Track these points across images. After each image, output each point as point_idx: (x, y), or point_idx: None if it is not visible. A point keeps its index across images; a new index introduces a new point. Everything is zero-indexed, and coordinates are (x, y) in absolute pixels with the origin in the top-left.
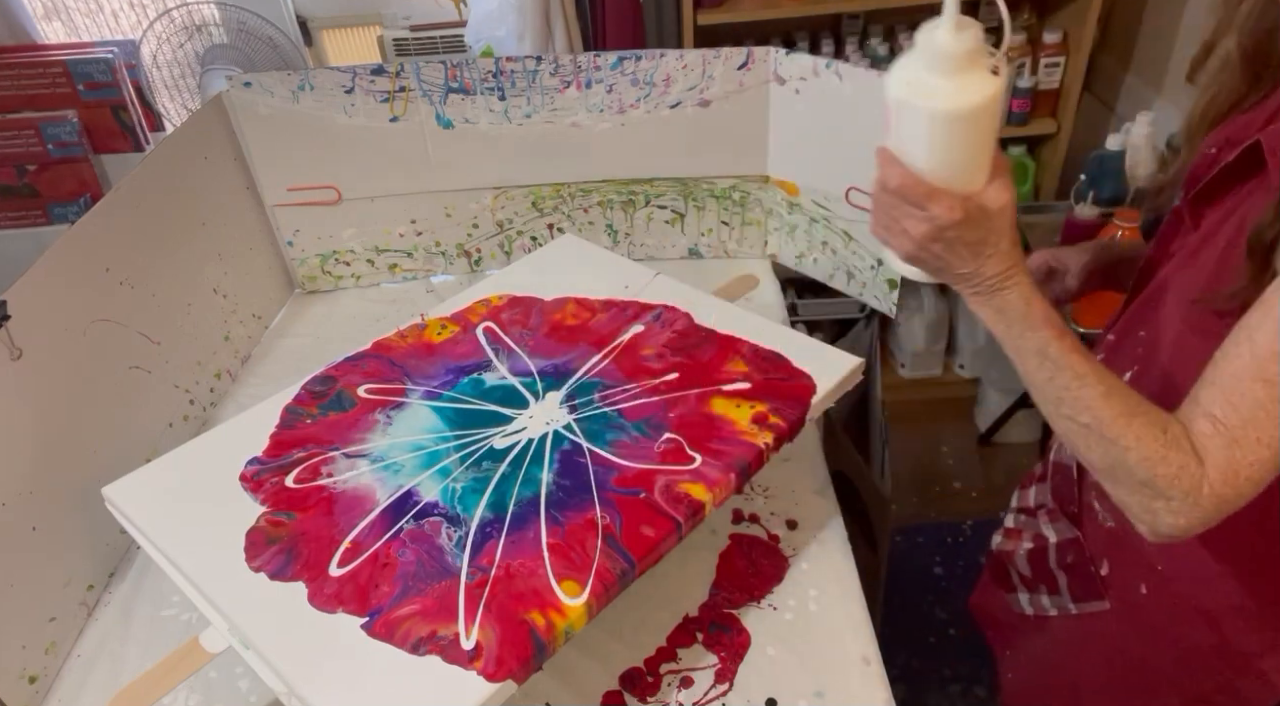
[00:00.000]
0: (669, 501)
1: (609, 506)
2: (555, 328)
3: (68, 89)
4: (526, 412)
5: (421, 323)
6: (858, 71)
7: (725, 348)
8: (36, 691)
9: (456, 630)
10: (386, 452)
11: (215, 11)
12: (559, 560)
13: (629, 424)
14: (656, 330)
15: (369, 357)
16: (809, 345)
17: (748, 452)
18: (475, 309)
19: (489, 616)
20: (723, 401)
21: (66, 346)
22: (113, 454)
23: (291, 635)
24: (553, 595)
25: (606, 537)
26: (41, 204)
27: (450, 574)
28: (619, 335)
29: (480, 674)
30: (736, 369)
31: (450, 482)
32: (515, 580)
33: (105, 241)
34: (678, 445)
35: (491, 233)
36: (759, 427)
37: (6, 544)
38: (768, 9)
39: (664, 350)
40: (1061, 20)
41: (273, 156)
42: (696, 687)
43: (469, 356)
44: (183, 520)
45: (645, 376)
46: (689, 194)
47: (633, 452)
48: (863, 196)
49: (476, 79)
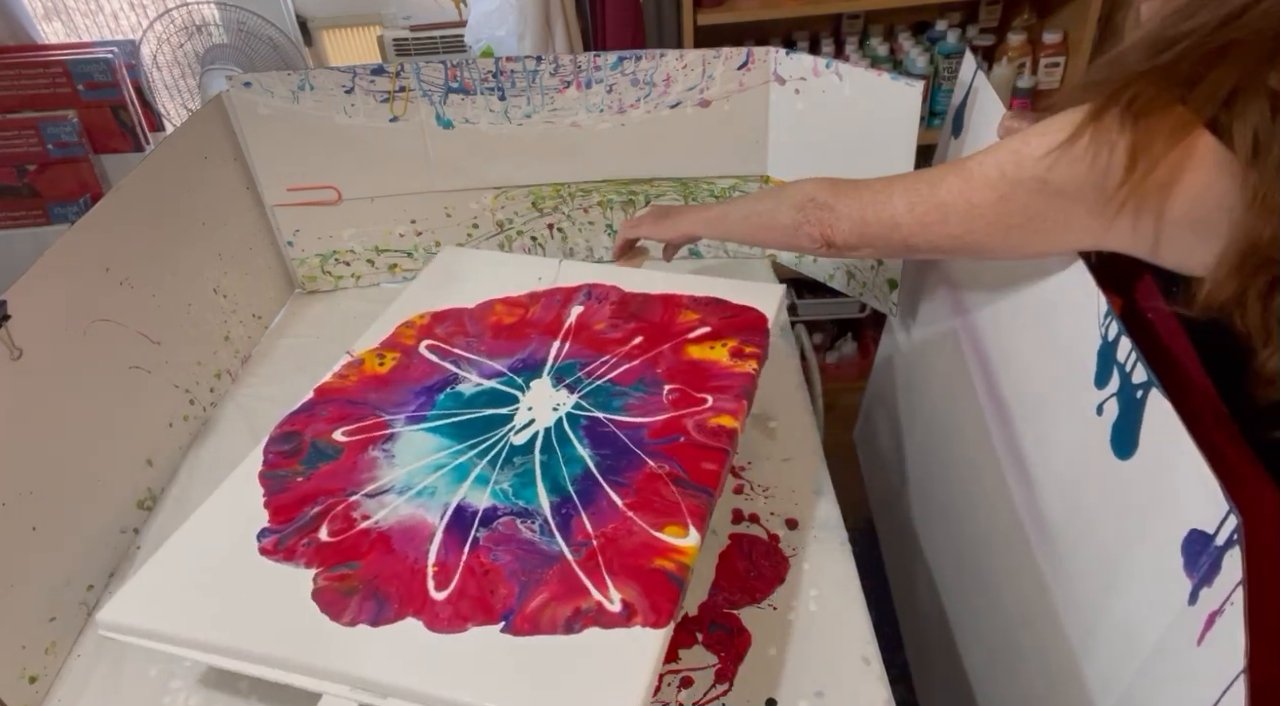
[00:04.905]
0: (707, 436)
1: (660, 457)
2: (497, 329)
3: (68, 89)
4: (523, 405)
5: (354, 358)
6: (858, 71)
7: (669, 304)
8: (36, 691)
9: (598, 599)
10: (410, 481)
11: (215, 11)
12: (647, 514)
13: (628, 388)
14: (596, 306)
15: (322, 404)
16: (734, 285)
17: (744, 380)
18: (403, 333)
19: (619, 578)
20: (696, 347)
21: (66, 346)
22: (113, 454)
23: (436, 665)
24: (663, 542)
25: (676, 482)
26: (41, 204)
27: (556, 558)
28: (564, 319)
29: (644, 626)
30: (690, 319)
31: (495, 486)
32: (620, 542)
33: (105, 241)
34: (683, 392)
35: (491, 232)
36: (740, 359)
37: (6, 544)
38: (768, 9)
39: (615, 320)
40: (1061, 20)
41: (273, 156)
42: (696, 687)
43: (430, 375)
44: (225, 613)
45: (614, 346)
46: (689, 194)
47: (648, 409)
48: None
49: (476, 79)
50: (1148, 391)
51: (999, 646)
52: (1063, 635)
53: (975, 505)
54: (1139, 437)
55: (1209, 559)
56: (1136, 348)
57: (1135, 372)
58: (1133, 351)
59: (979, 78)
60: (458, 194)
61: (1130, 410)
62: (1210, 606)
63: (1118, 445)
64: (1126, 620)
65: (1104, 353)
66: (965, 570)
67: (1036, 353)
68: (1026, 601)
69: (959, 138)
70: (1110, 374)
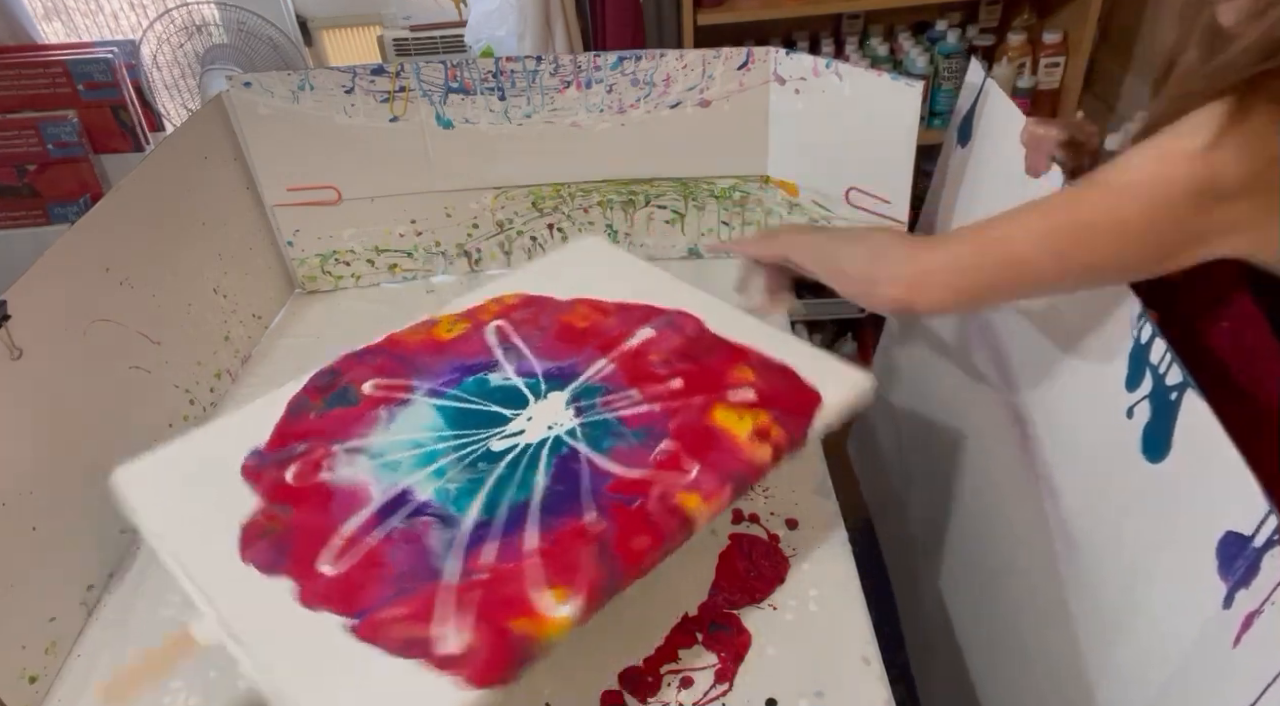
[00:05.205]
0: (663, 512)
1: (603, 514)
2: (564, 329)
3: (68, 89)
4: (525, 414)
5: (434, 319)
6: (858, 71)
7: (733, 356)
8: (36, 691)
9: (442, 633)
10: (386, 450)
11: (215, 11)
12: (548, 567)
13: (628, 431)
14: (666, 335)
15: (379, 353)
16: (820, 359)
17: (743, 467)
18: (488, 307)
19: (474, 621)
20: (725, 411)
21: (66, 346)
22: (113, 454)
23: (277, 631)
24: (540, 602)
25: (597, 545)
26: (41, 204)
27: (439, 576)
28: (627, 339)
29: (465, 680)
30: (742, 376)
31: (445, 483)
32: (504, 585)
33: (105, 241)
34: (676, 454)
35: (491, 232)
36: (759, 441)
37: (6, 544)
38: (768, 9)
39: (671, 356)
40: (1061, 20)
41: (273, 156)
42: (696, 687)
43: (476, 355)
44: (185, 509)
45: (649, 382)
46: (689, 194)
47: (629, 459)
48: (862, 196)
49: (476, 79)
50: (1183, 392)
51: (1008, 649)
52: (1079, 639)
53: (988, 509)
54: (1172, 440)
55: (1246, 561)
56: (1172, 348)
57: (1170, 374)
58: (1168, 352)
59: (990, 85)
60: (458, 194)
61: (1163, 412)
62: (1248, 607)
63: (1149, 448)
64: (1152, 624)
65: (1136, 355)
66: (975, 573)
67: (1061, 356)
68: (1042, 604)
69: (966, 146)
70: (1142, 376)
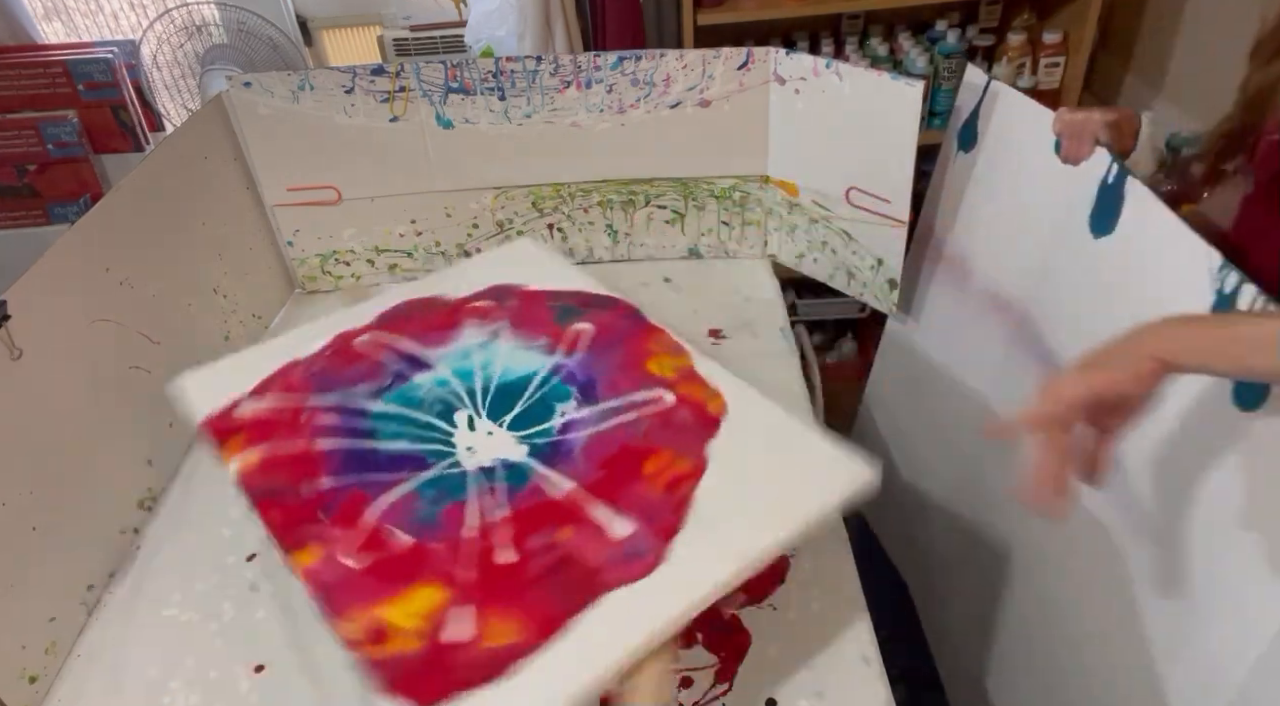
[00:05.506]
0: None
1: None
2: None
3: (68, 89)
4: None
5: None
6: (858, 71)
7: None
8: (36, 691)
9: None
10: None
11: (215, 11)
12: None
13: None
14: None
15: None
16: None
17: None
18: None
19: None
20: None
21: (66, 346)
22: (113, 453)
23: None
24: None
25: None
26: (41, 204)
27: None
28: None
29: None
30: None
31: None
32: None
33: (105, 241)
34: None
35: (491, 232)
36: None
37: (6, 544)
38: (768, 9)
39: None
40: (1061, 20)
41: (273, 156)
42: (696, 687)
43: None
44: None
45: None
46: (689, 194)
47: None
48: (862, 196)
49: (476, 79)
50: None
51: (1057, 649)
52: (1146, 627)
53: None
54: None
55: None
56: (1265, 292)
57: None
58: (1259, 295)
59: (998, 87)
60: (458, 194)
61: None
62: None
63: (1241, 397)
64: (1238, 607)
65: (1219, 308)
66: (1017, 569)
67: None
68: (1102, 597)
69: (970, 152)
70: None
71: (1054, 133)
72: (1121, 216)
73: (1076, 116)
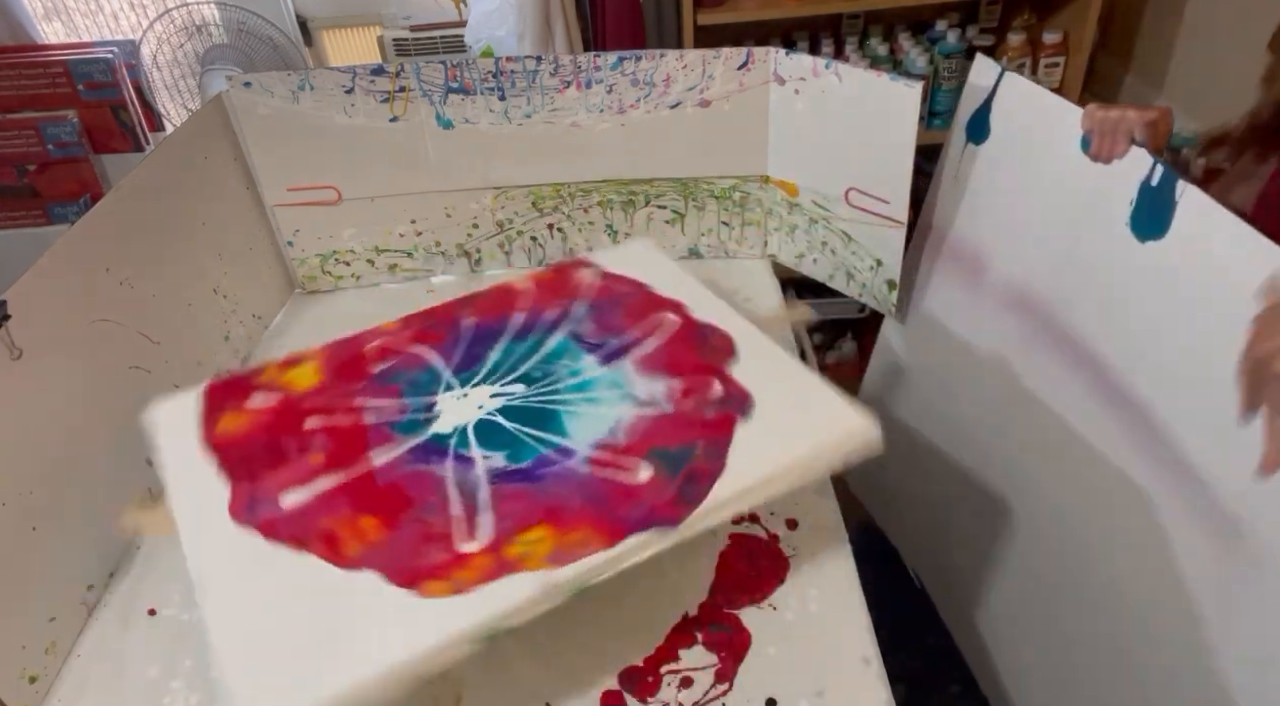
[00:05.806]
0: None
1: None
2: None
3: (68, 89)
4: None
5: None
6: (858, 71)
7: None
8: (36, 691)
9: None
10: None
11: (215, 11)
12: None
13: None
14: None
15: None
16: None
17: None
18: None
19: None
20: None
21: (66, 346)
22: (113, 453)
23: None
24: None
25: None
26: (41, 204)
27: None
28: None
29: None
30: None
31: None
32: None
33: (105, 241)
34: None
35: (491, 232)
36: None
37: (6, 544)
38: (768, 9)
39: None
40: (1061, 20)
41: (273, 156)
42: (696, 687)
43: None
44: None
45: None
46: (689, 194)
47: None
48: (861, 196)
49: (476, 79)
50: None
51: (1116, 649)
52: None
53: (1084, 511)
54: None
55: None
56: None
57: None
58: None
59: (1013, 78)
60: (458, 194)
61: None
62: None
63: None
64: None
65: None
66: (1067, 575)
67: (1184, 337)
68: (1169, 601)
69: (982, 145)
70: None
71: (1083, 129)
72: (1174, 220)
73: (1110, 114)
